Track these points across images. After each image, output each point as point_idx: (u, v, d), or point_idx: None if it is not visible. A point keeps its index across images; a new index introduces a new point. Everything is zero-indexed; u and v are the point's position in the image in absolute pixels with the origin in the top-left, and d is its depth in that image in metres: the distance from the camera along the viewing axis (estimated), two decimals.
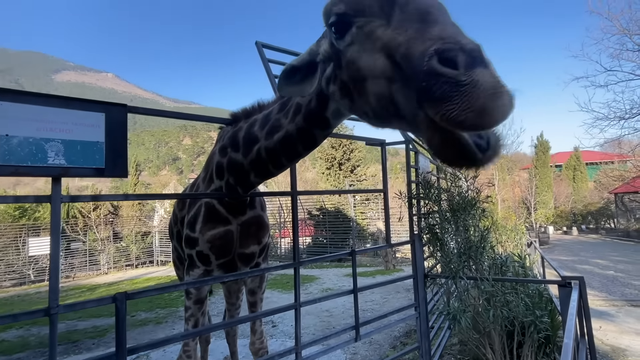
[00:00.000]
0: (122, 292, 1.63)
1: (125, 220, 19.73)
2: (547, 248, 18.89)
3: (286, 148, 1.72)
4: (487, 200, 3.79)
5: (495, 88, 0.80)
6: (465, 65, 0.81)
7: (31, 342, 6.34)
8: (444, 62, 0.83)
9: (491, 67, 0.84)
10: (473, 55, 0.82)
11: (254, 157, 1.86)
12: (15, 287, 14.54)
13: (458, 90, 0.80)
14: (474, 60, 0.82)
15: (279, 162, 1.82)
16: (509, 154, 30.71)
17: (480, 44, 0.86)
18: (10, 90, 1.42)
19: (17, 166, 1.38)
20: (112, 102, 1.65)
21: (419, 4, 0.99)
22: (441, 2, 1.03)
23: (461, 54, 0.82)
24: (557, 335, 3.76)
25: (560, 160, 38.90)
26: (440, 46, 0.84)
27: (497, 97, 0.80)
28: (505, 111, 0.81)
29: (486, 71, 0.81)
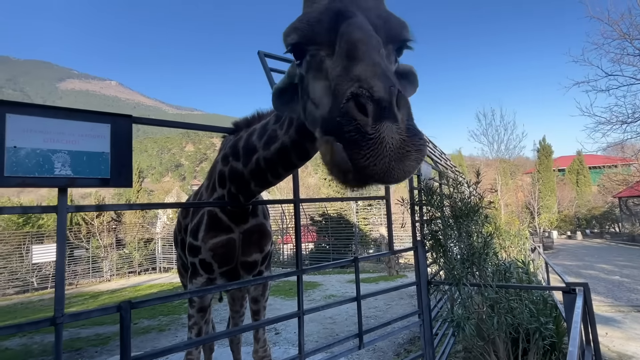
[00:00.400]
0: (126, 301, 1.64)
1: (128, 227, 19.77)
2: (551, 253, 18.75)
3: (282, 158, 1.74)
4: (490, 206, 3.78)
5: (401, 149, 0.81)
6: (374, 117, 0.82)
7: (34, 350, 6.34)
8: (358, 106, 0.84)
9: (401, 118, 0.83)
10: (381, 105, 0.82)
11: (253, 166, 1.88)
12: (18, 294, 14.55)
13: (365, 142, 0.81)
14: (382, 112, 0.82)
15: (276, 171, 1.84)
16: (512, 159, 30.60)
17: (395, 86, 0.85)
18: (18, 102, 1.45)
19: (25, 177, 1.40)
20: (117, 113, 1.68)
21: (349, 36, 0.99)
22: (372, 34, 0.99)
23: (370, 103, 0.83)
24: (563, 342, 3.73)
25: (563, 165, 38.77)
26: (355, 90, 0.85)
27: (401, 158, 0.81)
28: (407, 171, 0.84)
29: (394, 127, 0.82)
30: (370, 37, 0.97)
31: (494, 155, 27.30)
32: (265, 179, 1.90)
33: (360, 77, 0.87)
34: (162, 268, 18.60)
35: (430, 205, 3.37)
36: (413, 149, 0.83)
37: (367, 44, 0.95)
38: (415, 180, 3.44)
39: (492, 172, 26.17)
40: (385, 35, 1.09)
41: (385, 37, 1.09)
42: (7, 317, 10.16)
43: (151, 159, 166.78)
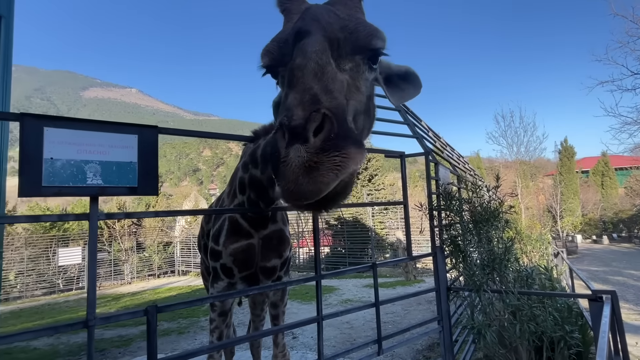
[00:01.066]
0: (152, 305, 1.70)
1: (147, 231, 20.26)
2: (576, 258, 18.12)
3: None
4: (511, 211, 3.71)
5: (308, 161, 0.83)
6: (287, 143, 0.86)
7: (61, 351, 6.57)
8: (282, 135, 0.88)
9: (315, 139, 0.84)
10: (295, 132, 0.85)
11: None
12: (45, 295, 15.12)
13: (280, 166, 0.86)
14: (292, 137, 0.85)
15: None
16: (532, 160, 29.78)
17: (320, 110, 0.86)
18: (54, 117, 1.54)
19: (61, 187, 1.48)
20: (144, 124, 1.75)
21: (291, 64, 1.02)
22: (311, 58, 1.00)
23: (286, 131, 0.86)
24: (590, 351, 3.60)
25: (586, 166, 37.47)
26: (281, 119, 0.89)
27: (308, 173, 0.82)
28: (320, 182, 0.84)
29: (301, 147, 0.84)
30: (308, 62, 0.99)
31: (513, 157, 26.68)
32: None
33: (288, 106, 0.90)
34: (181, 271, 18.96)
35: (449, 210, 3.34)
36: (325, 162, 0.83)
37: (304, 70, 0.98)
38: (434, 185, 3.41)
39: (512, 174, 25.55)
40: (351, 47, 1.11)
41: (351, 48, 1.11)
42: (35, 317, 10.57)
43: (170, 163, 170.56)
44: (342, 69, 1.09)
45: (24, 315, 11.14)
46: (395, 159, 3.25)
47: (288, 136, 0.86)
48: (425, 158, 3.35)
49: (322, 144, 0.84)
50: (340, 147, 0.85)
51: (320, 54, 1.02)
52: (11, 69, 4.77)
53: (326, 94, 0.94)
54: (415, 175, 39.20)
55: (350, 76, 1.11)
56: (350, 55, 1.12)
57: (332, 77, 1.00)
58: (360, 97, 1.14)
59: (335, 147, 0.85)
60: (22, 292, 15.04)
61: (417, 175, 38.61)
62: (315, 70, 0.98)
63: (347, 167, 0.86)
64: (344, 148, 0.86)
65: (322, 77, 0.98)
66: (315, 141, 0.84)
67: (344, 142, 0.87)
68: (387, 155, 3.19)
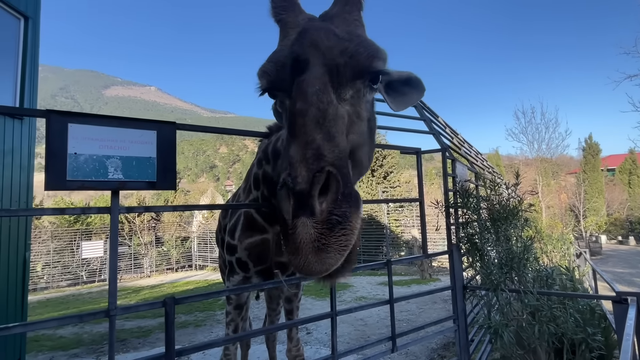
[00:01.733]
0: (170, 297, 1.75)
1: (166, 226, 20.77)
2: (600, 259, 17.51)
3: None
4: (530, 210, 3.61)
5: (317, 242, 0.82)
6: (293, 210, 0.84)
7: (85, 339, 6.83)
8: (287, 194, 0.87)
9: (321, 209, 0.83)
10: (298, 199, 0.83)
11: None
12: (70, 287, 15.74)
13: (287, 236, 0.85)
14: (298, 205, 0.84)
15: None
16: (554, 158, 28.86)
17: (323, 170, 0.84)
18: (77, 113, 1.59)
19: (84, 181, 1.54)
20: (163, 120, 1.79)
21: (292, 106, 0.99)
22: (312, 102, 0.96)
23: (291, 195, 0.85)
24: (613, 355, 3.48)
25: (612, 164, 36.06)
26: (285, 177, 0.87)
27: (317, 253, 0.82)
28: (328, 263, 0.83)
29: (308, 222, 0.82)
30: (310, 108, 0.96)
31: (534, 154, 25.97)
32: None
33: (291, 161, 0.88)
34: (198, 265, 19.37)
35: (466, 207, 3.28)
36: (332, 242, 0.83)
37: (305, 117, 0.94)
38: (451, 182, 3.36)
39: (532, 172, 24.86)
40: (351, 72, 1.07)
41: (351, 74, 1.07)
42: (60, 307, 11.03)
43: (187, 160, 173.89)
44: (342, 99, 1.06)
45: (50, 305, 11.63)
46: (411, 155, 3.21)
47: (293, 201, 0.85)
48: (442, 154, 3.30)
49: (329, 216, 0.84)
50: (345, 218, 0.85)
51: (321, 94, 0.99)
52: (38, 68, 4.97)
53: (329, 143, 0.92)
54: (431, 172, 38.67)
55: (351, 105, 1.08)
56: (351, 81, 1.08)
57: (334, 119, 0.97)
58: (361, 126, 1.11)
59: (337, 220, 0.84)
60: (49, 282, 15.70)
61: (433, 173, 38.08)
62: (317, 117, 0.95)
63: (351, 241, 0.87)
64: (347, 219, 0.85)
65: (325, 123, 0.95)
66: (322, 210, 0.84)
67: (347, 207, 0.86)
68: (403, 151, 3.16)
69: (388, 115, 3.25)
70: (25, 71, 4.59)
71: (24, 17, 4.60)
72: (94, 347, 6.33)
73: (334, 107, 1.00)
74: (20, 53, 4.59)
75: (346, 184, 0.89)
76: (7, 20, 4.46)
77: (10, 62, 4.51)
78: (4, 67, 4.47)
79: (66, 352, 6.18)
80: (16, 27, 4.56)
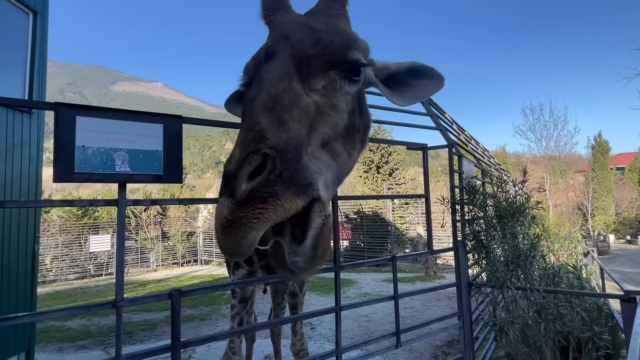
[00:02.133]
0: (176, 289, 1.76)
1: (172, 221, 20.94)
2: (607, 258, 17.32)
3: None
4: (538, 207, 3.58)
5: (222, 223, 0.77)
6: (219, 192, 0.81)
7: (93, 331, 6.94)
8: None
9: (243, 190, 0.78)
10: (225, 180, 0.80)
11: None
12: (78, 280, 15.98)
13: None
14: (223, 187, 0.80)
15: None
16: (562, 156, 28.51)
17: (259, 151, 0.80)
18: (85, 106, 1.60)
19: (91, 173, 1.55)
20: (169, 114, 1.80)
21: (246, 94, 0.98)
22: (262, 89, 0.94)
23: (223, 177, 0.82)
24: (620, 354, 3.45)
25: (622, 163, 35.52)
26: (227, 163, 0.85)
27: (228, 230, 0.77)
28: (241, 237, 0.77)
29: (225, 202, 0.78)
30: (259, 93, 0.94)
31: (541, 152, 25.68)
32: None
33: (237, 143, 0.87)
34: (203, 260, 19.52)
35: (472, 204, 3.25)
36: (240, 216, 0.76)
37: (254, 103, 0.93)
38: (457, 178, 3.33)
39: (540, 170, 24.61)
40: (324, 63, 1.05)
41: (323, 64, 1.05)
42: (68, 299, 11.20)
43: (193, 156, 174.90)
44: (312, 89, 1.02)
45: (58, 297, 11.83)
46: (417, 152, 3.19)
47: (221, 183, 0.81)
48: (448, 150, 3.27)
49: (251, 193, 0.77)
50: (273, 195, 0.78)
51: (277, 81, 0.96)
52: (46, 63, 5.02)
53: (277, 128, 0.88)
54: (437, 170, 38.41)
55: (322, 95, 1.04)
56: (323, 72, 1.05)
57: (288, 106, 0.93)
58: (336, 118, 1.07)
59: (268, 194, 0.78)
60: (57, 275, 15.95)
61: (439, 170, 37.81)
62: (267, 102, 0.92)
63: (272, 216, 0.78)
64: (276, 196, 0.78)
65: (275, 108, 0.91)
66: (243, 191, 0.77)
67: (282, 187, 0.80)
68: (409, 147, 3.14)
69: (394, 110, 3.23)
70: (34, 66, 4.64)
71: (32, 12, 4.63)
72: (102, 339, 6.42)
73: (294, 94, 0.96)
74: (29, 48, 4.63)
75: (289, 168, 0.83)
76: (16, 15, 4.49)
77: (19, 57, 4.56)
78: (13, 62, 4.52)
79: (74, 343, 6.28)
80: (25, 22, 4.60)
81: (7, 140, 4.25)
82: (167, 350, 1.70)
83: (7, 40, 4.45)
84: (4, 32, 4.40)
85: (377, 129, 23.10)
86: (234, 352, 2.61)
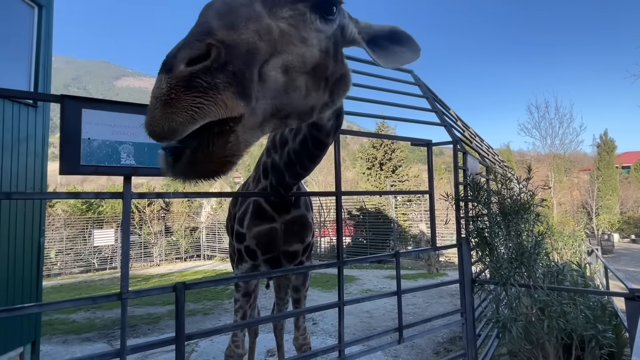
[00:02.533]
0: (181, 282, 1.77)
1: (175, 216, 21.03)
2: (612, 257, 17.22)
3: (305, 149, 1.76)
4: (542, 204, 3.56)
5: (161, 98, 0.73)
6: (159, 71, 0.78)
7: (97, 324, 7.01)
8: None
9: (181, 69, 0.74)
10: (163, 62, 0.76)
11: (286, 159, 1.91)
12: (82, 274, 16.11)
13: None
14: (162, 66, 0.76)
15: (303, 163, 1.86)
16: (567, 154, 28.30)
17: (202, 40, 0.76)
18: (91, 98, 1.60)
19: (97, 166, 1.56)
20: None
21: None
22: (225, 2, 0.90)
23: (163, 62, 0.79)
24: (624, 352, 3.44)
25: (627, 161, 35.23)
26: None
27: (161, 110, 0.73)
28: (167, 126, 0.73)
29: (163, 77, 0.74)
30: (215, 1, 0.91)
31: (546, 150, 25.51)
32: (296, 170, 1.93)
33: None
34: (206, 255, 19.62)
35: (476, 201, 3.24)
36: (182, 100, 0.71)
37: (208, 9, 0.89)
38: (461, 175, 3.32)
39: (544, 168, 24.46)
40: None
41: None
42: (73, 293, 11.31)
43: None
44: (276, 17, 0.98)
45: (63, 290, 11.94)
46: (420, 150, 3.18)
47: (159, 70, 0.77)
48: (453, 147, 3.26)
49: (190, 77, 0.73)
50: (214, 88, 0.74)
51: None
52: (51, 58, 5.03)
53: (228, 30, 0.82)
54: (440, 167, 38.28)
55: (290, 25, 1.00)
56: (291, 3, 1.02)
57: (246, 18, 0.88)
58: (303, 49, 1.02)
59: (209, 85, 0.74)
60: (62, 269, 16.09)
61: (442, 168, 37.69)
62: (221, 10, 0.87)
63: (209, 112, 0.74)
64: (217, 89, 0.75)
65: (229, 16, 0.86)
66: (182, 70, 0.73)
67: (226, 82, 0.76)
68: (413, 143, 3.13)
69: (399, 106, 3.22)
70: (39, 60, 4.65)
71: (37, 6, 4.64)
72: (106, 332, 6.49)
73: (254, 12, 0.93)
74: (35, 42, 4.64)
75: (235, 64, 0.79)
76: (21, 8, 4.50)
77: (25, 51, 4.57)
78: (19, 56, 4.53)
79: (79, 335, 6.35)
80: (30, 16, 4.61)
81: (13, 135, 4.28)
82: (171, 342, 1.72)
83: (13, 34, 4.47)
84: (9, 25, 4.41)
85: (380, 125, 23.02)
86: (237, 345, 2.63)
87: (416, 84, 3.44)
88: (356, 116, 3.03)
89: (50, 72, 4.92)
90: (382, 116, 3.57)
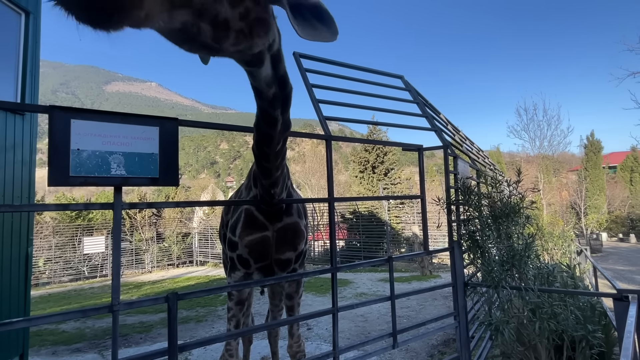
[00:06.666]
0: (173, 292, 1.75)
1: (167, 222, 20.81)
2: (600, 256, 17.52)
3: (260, 132, 1.75)
4: (532, 207, 3.61)
5: None
6: None
7: (87, 334, 6.87)
8: None
9: None
10: None
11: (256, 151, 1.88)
12: (72, 282, 15.81)
13: None
14: None
15: (263, 151, 1.82)
16: (555, 155, 28.78)
17: None
18: (80, 109, 1.59)
19: (87, 177, 1.54)
20: (165, 116, 1.79)
21: None
22: None
23: None
24: (613, 352, 3.50)
25: (614, 161, 35.98)
26: None
27: None
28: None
29: None
30: None
31: (535, 151, 25.90)
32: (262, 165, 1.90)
33: None
34: (199, 261, 19.43)
35: (467, 204, 3.28)
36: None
37: None
38: (452, 179, 3.35)
39: (534, 169, 24.83)
40: None
41: None
42: (62, 302, 11.08)
43: (188, 156, 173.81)
44: None
45: (52, 300, 11.70)
46: (413, 152, 3.21)
47: None
48: (443, 151, 3.29)
49: None
50: None
51: None
52: (39, 64, 4.96)
53: None
54: (432, 169, 38.59)
55: None
56: None
57: None
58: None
59: None
60: (51, 278, 15.77)
61: (434, 170, 37.99)
62: None
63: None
64: None
65: None
66: None
67: None
68: (405, 148, 3.16)
69: (390, 112, 3.25)
70: (26, 67, 4.58)
71: (25, 13, 4.58)
72: (96, 342, 6.36)
73: None
74: (22, 49, 4.57)
75: None
76: (8, 15, 4.44)
77: (12, 58, 4.50)
78: (5, 64, 4.46)
79: (68, 346, 6.22)
80: (17, 23, 4.55)
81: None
82: (164, 353, 1.70)
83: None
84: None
85: (372, 130, 23.15)
86: (230, 354, 2.61)
87: (406, 89, 3.47)
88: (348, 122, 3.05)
89: (37, 79, 4.85)
90: (374, 122, 3.60)
